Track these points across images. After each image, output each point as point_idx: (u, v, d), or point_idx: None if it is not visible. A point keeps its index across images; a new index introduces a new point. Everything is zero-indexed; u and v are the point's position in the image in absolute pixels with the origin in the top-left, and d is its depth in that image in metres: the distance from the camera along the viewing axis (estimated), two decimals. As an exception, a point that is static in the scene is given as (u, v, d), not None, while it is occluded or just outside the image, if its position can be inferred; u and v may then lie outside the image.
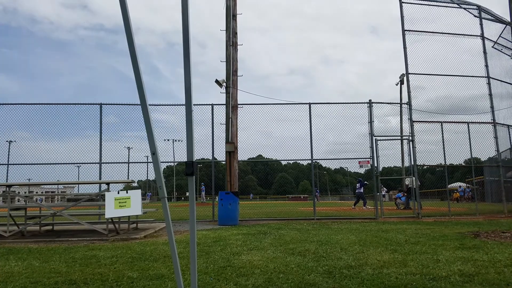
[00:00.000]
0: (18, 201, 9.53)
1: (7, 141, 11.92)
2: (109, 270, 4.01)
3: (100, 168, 11.47)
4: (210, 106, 11.98)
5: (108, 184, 7.65)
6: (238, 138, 11.53)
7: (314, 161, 12.25)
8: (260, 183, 72.79)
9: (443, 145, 12.27)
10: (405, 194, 16.81)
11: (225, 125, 11.53)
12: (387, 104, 12.92)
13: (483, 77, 13.00)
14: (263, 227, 8.72)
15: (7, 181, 10.85)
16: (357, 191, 19.64)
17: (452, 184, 27.22)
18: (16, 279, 3.62)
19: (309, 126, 12.03)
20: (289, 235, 6.97)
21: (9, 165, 11.46)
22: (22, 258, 4.91)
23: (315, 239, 6.28)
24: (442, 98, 13.63)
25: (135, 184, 11.59)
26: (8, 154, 11.67)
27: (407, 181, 16.66)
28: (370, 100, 12.21)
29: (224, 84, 11.64)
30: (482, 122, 12.78)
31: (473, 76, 12.87)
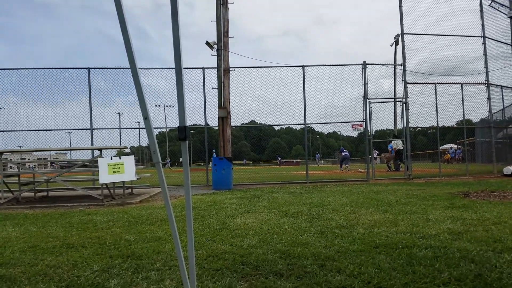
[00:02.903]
0: (11, 168, 9.50)
1: (-5, 107, 11.71)
2: (107, 233, 4.07)
3: (92, 134, 11.38)
4: (201, 69, 11.76)
5: (100, 150, 7.63)
6: (230, 103, 11.42)
7: (307, 125, 12.25)
8: (253, 149, 73.11)
9: (436, 106, 12.31)
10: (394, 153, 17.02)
11: (217, 90, 11.38)
12: (380, 66, 12.78)
13: (479, 36, 12.86)
14: (256, 191, 8.85)
15: (-2, 148, 10.77)
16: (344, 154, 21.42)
17: (443, 146, 27.60)
18: (14, 244, 3.66)
19: (302, 90, 11.92)
20: (282, 198, 7.09)
21: (0, 132, 11.33)
22: (18, 223, 4.95)
23: (308, 202, 6.40)
24: (436, 59, 13.54)
25: (128, 151, 11.54)
26: (-2, 121, 11.51)
27: (394, 144, 16.86)
28: (364, 62, 12.07)
29: (215, 46, 11.36)
30: (475, 83, 12.77)
31: (469, 36, 12.72)
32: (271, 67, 12.25)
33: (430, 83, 12.36)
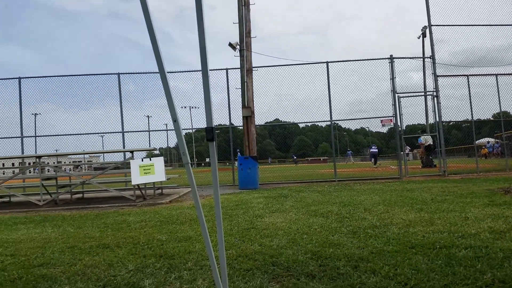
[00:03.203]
0: (48, 171, 9.89)
1: (32, 113, 12.24)
2: (140, 233, 4.15)
3: (123, 137, 11.70)
4: (225, 70, 11.84)
5: (132, 152, 7.79)
6: (254, 102, 11.41)
7: (333, 122, 12.06)
8: (278, 147, 72.85)
9: (470, 99, 11.82)
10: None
11: (240, 90, 11.40)
12: (408, 59, 12.39)
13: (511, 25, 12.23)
14: (283, 190, 8.79)
15: (36, 152, 11.22)
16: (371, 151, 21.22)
17: (479, 140, 26.53)
18: (54, 245, 3.79)
19: (327, 86, 11.76)
20: (310, 197, 7.00)
21: (37, 137, 11.82)
22: (57, 225, 5.14)
23: (337, 201, 6.28)
24: (467, 50, 13.00)
25: (157, 152, 11.80)
26: (35, 126, 12.04)
27: (424, 139, 16.31)
28: (391, 56, 11.75)
29: (238, 47, 11.39)
30: (511, 74, 12.16)
31: (501, 25, 12.12)
32: (294, 64, 12.18)
33: (462, 75, 11.90)
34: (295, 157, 54.43)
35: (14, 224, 5.38)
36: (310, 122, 13.78)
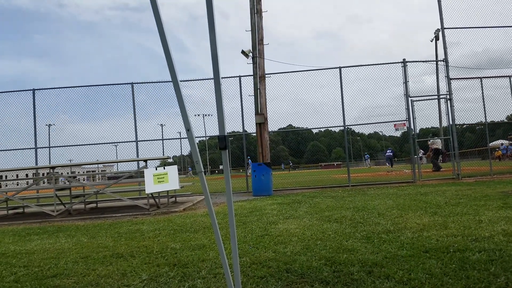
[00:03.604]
0: (62, 182, 10.08)
1: (46, 124, 12.48)
2: (153, 242, 4.20)
3: (137, 146, 11.85)
4: (238, 78, 11.93)
5: (145, 161, 7.89)
6: (267, 108, 11.46)
7: (346, 127, 12.02)
8: (291, 153, 72.78)
9: (483, 101, 11.66)
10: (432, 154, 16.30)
11: (253, 97, 11.47)
12: (421, 63, 12.35)
13: (525, 26, 12.07)
14: (297, 196, 8.78)
15: (50, 163, 11.44)
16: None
17: (493, 142, 26.07)
18: (67, 255, 3.85)
19: (340, 91, 11.75)
20: (324, 203, 6.99)
21: (51, 148, 12.04)
22: (71, 235, 5.22)
23: (351, 206, 6.25)
24: (480, 52, 12.92)
25: (170, 160, 11.90)
26: (49, 137, 12.29)
27: (431, 142, 16.13)
28: (404, 60, 11.70)
29: (251, 54, 11.49)
30: (525, 76, 11.98)
31: (514, 26, 11.97)
32: (307, 70, 12.21)
33: (475, 78, 11.76)
34: (291, 163, 54.97)
35: (27, 235, 5.46)
36: (324, 127, 13.78)
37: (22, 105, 12.17)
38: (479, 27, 11.71)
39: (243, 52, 11.50)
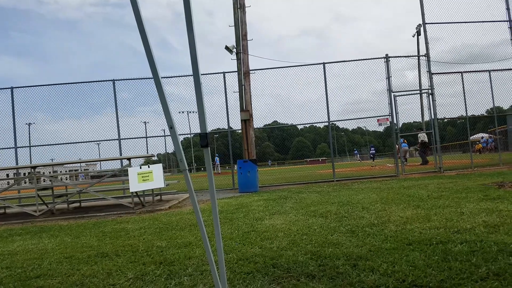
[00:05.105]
0: (44, 181, 9.88)
1: (26, 123, 12.19)
2: (139, 241, 4.16)
3: (120, 144, 11.69)
4: (222, 74, 11.87)
5: (129, 159, 7.80)
6: (252, 105, 11.45)
7: (331, 122, 12.12)
8: (277, 149, 72.98)
9: (464, 96, 11.94)
10: (419, 148, 16.61)
11: (238, 93, 11.45)
12: (404, 58, 12.48)
13: (504, 21, 12.36)
14: (283, 192, 8.82)
15: (31, 163, 11.19)
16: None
17: (474, 136, 26.68)
18: (51, 255, 3.79)
19: (324, 87, 11.83)
20: (309, 198, 7.04)
21: (31, 147, 11.78)
22: (54, 235, 5.12)
23: (336, 200, 6.32)
24: (460, 47, 13.18)
25: (155, 158, 11.79)
26: (29, 136, 12.01)
27: (421, 136, 16.43)
28: (386, 55, 11.85)
29: (235, 50, 11.43)
30: (504, 69, 12.29)
31: (493, 21, 12.27)
32: (291, 66, 12.23)
33: (456, 72, 12.01)
34: (270, 162, 56.69)
35: (9, 236, 5.34)
36: (308, 123, 13.86)
37: (0, 104, 11.86)
38: (459, 22, 11.94)
39: (226, 47, 11.43)
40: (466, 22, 11.99)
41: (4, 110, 11.73)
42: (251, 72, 11.56)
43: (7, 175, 12.17)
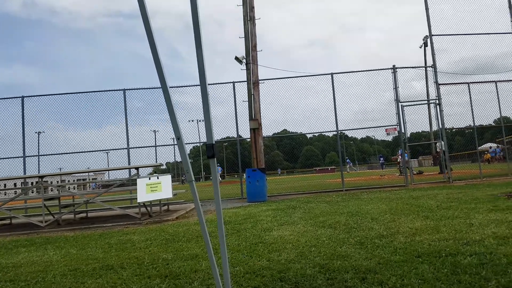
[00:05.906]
0: (51, 191, 9.91)
1: (36, 132, 12.28)
2: (145, 253, 4.14)
3: (129, 153, 11.74)
4: (231, 84, 11.95)
5: (137, 168, 7.82)
6: (261, 114, 11.49)
7: (339, 131, 12.09)
8: (286, 158, 72.77)
9: (471, 106, 11.86)
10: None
11: (247, 102, 11.51)
12: (411, 69, 12.50)
13: (510, 33, 12.33)
14: (292, 202, 8.76)
15: (39, 172, 11.26)
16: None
17: (482, 146, 26.38)
18: (55, 268, 3.76)
19: (332, 97, 11.85)
20: (318, 208, 6.98)
21: (40, 156, 11.85)
22: (59, 246, 5.11)
23: (345, 211, 6.26)
24: (467, 58, 13.08)
25: (164, 167, 11.83)
26: (38, 145, 12.06)
27: (439, 145, 16.28)
28: (394, 66, 11.84)
29: (244, 60, 11.55)
30: (510, 80, 12.22)
31: (499, 33, 12.23)
32: (300, 76, 12.32)
33: (463, 83, 11.97)
34: (279, 171, 57.28)
35: (14, 247, 5.32)
36: (317, 132, 13.88)
37: (11, 113, 11.97)
38: (465, 34, 11.95)
39: (236, 58, 11.56)
40: (471, 34, 12.00)
41: (14, 119, 11.86)
42: (260, 82, 11.64)
43: (15, 184, 12.23)
